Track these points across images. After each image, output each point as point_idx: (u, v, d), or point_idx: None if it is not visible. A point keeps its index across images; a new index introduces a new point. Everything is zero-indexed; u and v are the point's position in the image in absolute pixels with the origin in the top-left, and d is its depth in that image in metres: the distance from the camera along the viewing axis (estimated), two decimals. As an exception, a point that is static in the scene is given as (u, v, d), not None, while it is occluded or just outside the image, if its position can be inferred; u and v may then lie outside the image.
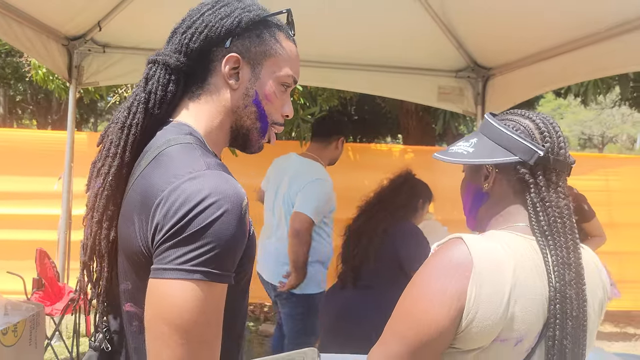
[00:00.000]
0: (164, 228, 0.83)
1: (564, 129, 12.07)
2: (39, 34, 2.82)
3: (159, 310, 0.83)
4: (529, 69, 3.11)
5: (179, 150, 0.93)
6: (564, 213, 1.02)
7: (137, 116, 0.98)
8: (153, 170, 0.91)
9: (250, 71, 1.02)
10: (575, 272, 0.99)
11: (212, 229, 0.82)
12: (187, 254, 0.82)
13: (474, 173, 1.13)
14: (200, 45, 0.99)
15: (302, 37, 3.24)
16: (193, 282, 0.81)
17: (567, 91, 5.79)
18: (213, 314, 0.85)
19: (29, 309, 2.07)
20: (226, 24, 0.99)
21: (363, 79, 3.66)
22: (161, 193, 0.86)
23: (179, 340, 0.82)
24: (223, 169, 0.93)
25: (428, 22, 3.08)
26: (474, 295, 0.92)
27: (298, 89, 4.59)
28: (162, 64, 1.00)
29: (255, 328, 4.83)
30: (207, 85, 1.02)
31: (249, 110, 1.03)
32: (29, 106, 17.43)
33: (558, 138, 1.06)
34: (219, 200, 0.83)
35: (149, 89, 0.99)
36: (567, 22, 2.56)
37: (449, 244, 0.99)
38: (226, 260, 0.85)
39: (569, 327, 0.97)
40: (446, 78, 3.65)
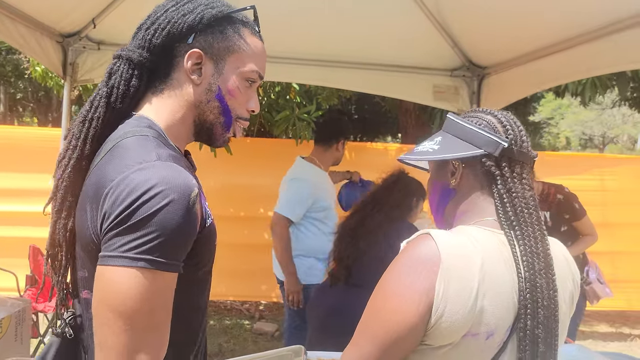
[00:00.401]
0: (110, 216, 0.86)
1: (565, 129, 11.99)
2: (32, 31, 2.82)
3: (104, 297, 0.85)
4: (524, 67, 3.10)
5: (134, 142, 0.95)
6: (530, 204, 1.04)
7: (99, 110, 1.01)
8: (107, 161, 0.94)
9: (214, 67, 1.04)
10: (544, 261, 1.00)
11: (156, 218, 0.84)
12: (132, 241, 0.84)
13: (441, 170, 1.14)
14: (162, 41, 1.01)
15: (297, 36, 3.27)
16: (137, 270, 0.83)
17: (564, 90, 5.78)
18: (159, 301, 0.86)
19: (14, 305, 2.07)
20: (188, 20, 1.01)
21: (358, 77, 3.65)
22: (111, 183, 0.88)
23: (123, 327, 0.84)
24: (175, 160, 0.94)
25: (423, 21, 3.08)
26: (442, 291, 0.92)
27: (294, 88, 4.59)
28: (125, 59, 1.02)
29: (250, 326, 4.84)
30: (170, 80, 1.04)
31: (212, 105, 1.05)
32: (30, 104, 17.45)
33: (520, 132, 1.08)
34: (165, 190, 0.85)
35: (111, 83, 1.02)
36: (562, 20, 2.55)
37: (417, 240, 1.00)
38: (172, 249, 0.87)
39: (540, 316, 0.97)
40: (441, 77, 3.64)
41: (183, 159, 1.03)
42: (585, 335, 5.04)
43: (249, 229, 4.66)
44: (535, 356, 0.97)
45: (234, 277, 4.88)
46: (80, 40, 3.25)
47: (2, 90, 16.21)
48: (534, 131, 16.38)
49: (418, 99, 3.83)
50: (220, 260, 4.30)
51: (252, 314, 5.23)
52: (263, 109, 4.48)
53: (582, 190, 4.87)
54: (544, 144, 22.50)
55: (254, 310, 5.30)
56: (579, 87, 5.43)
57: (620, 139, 27.23)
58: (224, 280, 4.89)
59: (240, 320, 4.98)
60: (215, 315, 5.10)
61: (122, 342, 0.84)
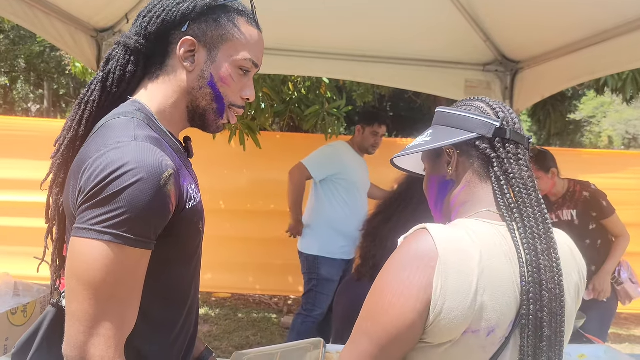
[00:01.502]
0: (84, 191, 0.90)
1: (608, 128, 11.65)
2: (67, 26, 2.89)
3: (72, 266, 0.90)
4: (558, 61, 3.01)
5: (118, 122, 0.99)
6: (528, 185, 1.00)
7: (95, 93, 1.06)
8: (92, 140, 0.99)
9: (207, 54, 1.08)
10: (546, 243, 0.96)
11: (124, 194, 0.88)
12: (100, 216, 0.88)
13: (435, 162, 1.12)
14: (157, 29, 1.06)
15: (328, 30, 3.26)
16: (103, 243, 0.88)
17: (603, 86, 5.59)
18: (124, 274, 0.90)
19: (40, 291, 2.14)
20: (182, 8, 1.05)
21: (388, 72, 3.61)
22: (88, 160, 0.92)
23: (87, 295, 0.88)
24: (154, 142, 0.98)
25: (454, 15, 3.02)
26: (440, 287, 0.89)
27: (325, 82, 4.58)
28: (122, 45, 1.07)
29: (277, 320, 4.86)
30: (165, 67, 1.09)
31: (204, 91, 1.09)
32: (72, 99, 17.97)
33: (510, 114, 1.06)
34: (136, 168, 0.89)
35: (108, 68, 1.07)
36: (598, 11, 2.46)
37: (413, 235, 0.97)
38: (139, 226, 0.90)
39: (545, 299, 0.93)
40: (473, 72, 3.57)
41: (171, 142, 1.07)
42: (621, 339, 4.88)
43: (278, 223, 4.66)
44: (540, 341, 0.93)
45: (263, 271, 4.91)
46: (114, 35, 3.30)
47: (46, 86, 16.73)
48: (574, 130, 15.95)
49: (449, 94, 3.76)
50: (250, 254, 4.42)
51: (281, 308, 5.25)
52: (293, 103, 4.48)
53: (620, 189, 4.74)
54: (585, 142, 21.89)
55: (283, 305, 5.32)
56: (619, 83, 5.25)
57: (666, 138, 26.21)
58: (253, 273, 4.93)
59: (269, 314, 5.01)
60: (244, 309, 5.14)
61: (85, 309, 0.88)
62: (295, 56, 3.47)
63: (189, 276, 1.10)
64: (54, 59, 14.17)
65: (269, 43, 3.60)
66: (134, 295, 0.93)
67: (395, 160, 1.23)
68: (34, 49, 13.52)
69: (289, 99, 4.50)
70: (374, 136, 3.50)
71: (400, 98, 11.71)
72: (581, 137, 21.08)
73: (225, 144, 4.35)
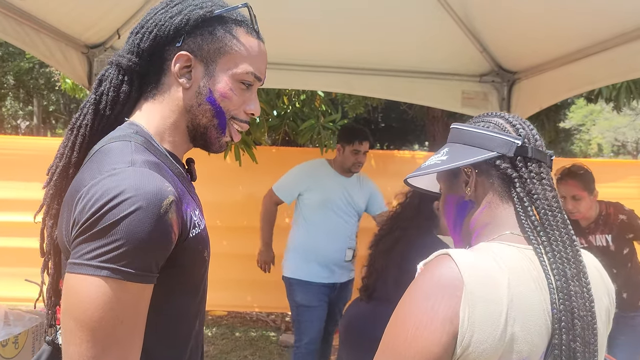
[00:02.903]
0: (78, 223, 0.83)
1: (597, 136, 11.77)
2: (57, 42, 2.84)
3: (67, 305, 0.83)
4: (556, 71, 2.99)
5: (114, 147, 0.92)
6: (553, 206, 0.95)
7: (87, 117, 0.99)
8: (86, 167, 0.92)
9: (204, 69, 1.00)
10: (575, 267, 0.90)
11: (121, 225, 0.81)
12: (96, 249, 0.81)
13: (452, 183, 1.06)
14: (150, 45, 0.98)
15: (323, 43, 3.22)
16: (101, 279, 0.80)
17: (597, 95, 5.60)
18: (125, 313, 0.82)
19: (32, 320, 2.05)
20: (175, 22, 0.98)
21: (385, 84, 3.58)
22: (82, 189, 0.85)
23: (83, 337, 0.80)
24: (153, 166, 0.91)
25: (451, 26, 2.99)
26: (467, 318, 0.83)
27: (320, 96, 4.54)
28: (115, 65, 0.99)
29: (276, 338, 4.77)
30: (161, 85, 1.01)
31: (203, 108, 1.01)
32: (62, 116, 17.85)
33: (531, 130, 1.00)
34: (133, 196, 0.82)
35: (101, 90, 1.00)
36: (596, 21, 2.44)
37: (435, 262, 0.90)
38: (139, 259, 0.83)
39: (577, 328, 0.87)
40: (470, 83, 3.54)
41: (172, 166, 1.00)
42: None
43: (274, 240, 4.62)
44: None
45: (259, 288, 4.82)
46: (106, 51, 3.25)
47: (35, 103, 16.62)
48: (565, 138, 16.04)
49: (446, 105, 3.74)
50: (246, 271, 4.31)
51: (278, 325, 5.17)
52: (288, 117, 4.44)
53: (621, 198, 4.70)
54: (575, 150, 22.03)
55: (280, 322, 5.23)
56: (613, 92, 5.26)
57: (654, 145, 26.45)
58: (249, 291, 4.85)
59: (266, 332, 4.92)
60: (241, 327, 5.05)
61: (81, 352, 0.81)
62: (290, 70, 3.43)
63: (194, 309, 1.03)
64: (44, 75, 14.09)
65: (264, 57, 3.57)
66: (136, 333, 0.85)
67: (411, 181, 1.18)
68: (22, 65, 13.44)
69: (283, 112, 4.46)
70: (354, 155, 3.29)
71: (392, 109, 11.73)
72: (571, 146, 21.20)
73: (220, 159, 4.29)
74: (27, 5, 2.46)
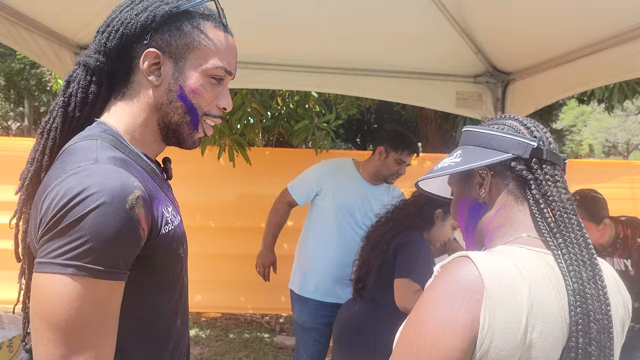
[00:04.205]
0: (44, 222, 0.82)
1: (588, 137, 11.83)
2: (50, 43, 2.81)
3: (35, 304, 0.81)
4: (550, 72, 2.99)
5: (80, 146, 0.91)
6: (568, 208, 0.94)
7: (56, 120, 0.97)
8: (53, 167, 0.91)
9: (173, 66, 0.99)
10: (591, 270, 0.90)
11: (84, 222, 0.79)
12: (61, 247, 0.80)
13: (466, 184, 1.05)
14: (117, 44, 0.97)
15: (317, 44, 3.20)
16: (66, 277, 0.79)
17: (590, 97, 5.63)
18: (94, 312, 0.81)
19: (27, 322, 2.03)
20: (141, 19, 0.97)
21: (380, 85, 3.57)
22: (47, 189, 0.85)
23: (50, 336, 0.79)
24: (117, 162, 0.89)
25: (445, 27, 2.99)
26: (488, 323, 0.81)
27: (313, 96, 4.53)
28: (82, 65, 0.98)
29: (270, 339, 4.75)
30: (131, 84, 1.00)
31: (175, 105, 1.01)
32: (53, 117, 17.73)
33: (545, 133, 1.01)
34: (96, 192, 0.81)
35: (69, 92, 0.98)
36: (590, 22, 2.45)
37: (454, 264, 0.89)
38: (107, 256, 0.81)
39: (593, 332, 0.86)
40: (464, 83, 3.55)
41: (143, 163, 0.99)
42: None
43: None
44: None
45: (253, 289, 4.80)
46: (99, 52, 3.23)
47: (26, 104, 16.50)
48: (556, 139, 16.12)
49: (440, 106, 3.73)
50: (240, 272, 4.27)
51: (273, 326, 5.15)
52: (282, 118, 4.42)
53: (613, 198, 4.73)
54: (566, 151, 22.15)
55: (275, 323, 5.22)
56: (605, 93, 5.28)
57: (645, 145, 26.64)
58: (243, 292, 4.83)
59: (261, 334, 4.90)
60: (235, 328, 5.03)
61: (48, 352, 0.79)
62: (285, 70, 3.42)
63: (172, 308, 1.01)
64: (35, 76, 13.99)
65: (258, 58, 3.56)
66: (107, 333, 0.83)
67: (422, 185, 1.17)
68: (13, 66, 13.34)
69: (277, 113, 4.44)
70: (397, 164, 2.86)
71: (385, 110, 11.72)
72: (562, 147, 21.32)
73: (214, 160, 4.27)
74: (20, 5, 2.43)
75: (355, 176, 2.96)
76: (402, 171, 2.92)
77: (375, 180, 2.94)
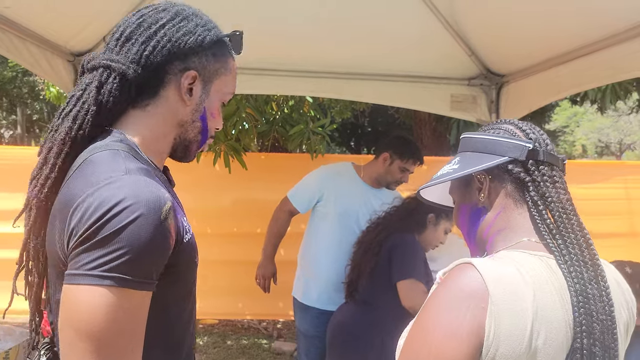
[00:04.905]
0: (77, 233, 0.82)
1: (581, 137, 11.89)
2: (43, 50, 2.79)
3: (69, 317, 0.81)
4: (544, 74, 3.00)
5: (103, 156, 0.91)
6: (567, 209, 0.94)
7: (84, 128, 0.96)
8: (75, 177, 0.90)
9: (202, 88, 1.04)
10: (593, 270, 0.89)
11: (124, 234, 0.80)
12: (98, 259, 0.80)
13: (466, 191, 1.06)
14: (161, 60, 0.99)
15: (311, 49, 3.20)
16: (104, 288, 0.79)
17: (583, 98, 5.66)
18: (128, 322, 0.82)
19: (23, 334, 2.01)
20: (189, 41, 1.00)
21: (374, 89, 3.57)
22: (78, 199, 0.84)
23: (88, 348, 0.79)
24: (147, 173, 0.91)
25: (439, 30, 3.00)
26: (494, 331, 0.81)
27: (308, 101, 4.53)
28: (118, 73, 0.97)
29: (268, 345, 4.73)
30: (158, 98, 1.02)
31: (195, 125, 1.06)
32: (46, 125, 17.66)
33: (541, 135, 1.02)
34: (134, 204, 0.82)
35: (101, 98, 0.96)
36: (584, 23, 2.45)
37: (457, 270, 0.88)
38: (142, 267, 0.82)
39: (596, 332, 0.85)
40: (458, 86, 3.55)
41: (158, 173, 1.01)
42: None
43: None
44: None
45: (250, 295, 4.77)
46: (92, 59, 3.21)
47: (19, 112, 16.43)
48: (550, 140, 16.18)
49: (435, 109, 3.74)
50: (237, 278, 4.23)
51: (270, 332, 5.13)
52: (277, 123, 4.42)
53: (607, 199, 4.75)
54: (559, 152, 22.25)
55: (272, 329, 5.19)
56: (598, 94, 5.31)
57: (637, 145, 26.81)
58: (241, 299, 4.81)
59: (258, 340, 4.88)
60: (233, 335, 5.00)
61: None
62: (279, 75, 3.41)
63: (188, 314, 1.03)
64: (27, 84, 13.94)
65: (253, 63, 3.55)
66: (137, 342, 0.84)
67: (423, 194, 1.17)
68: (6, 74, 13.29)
69: (272, 118, 4.43)
70: (401, 172, 2.85)
71: (379, 113, 11.73)
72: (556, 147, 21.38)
73: (209, 166, 4.26)
74: (12, 13, 2.42)
75: (356, 180, 2.93)
76: (405, 179, 2.90)
77: (377, 184, 2.93)
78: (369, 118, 12.24)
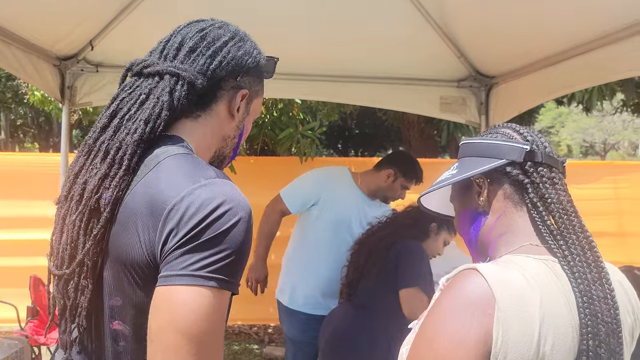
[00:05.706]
0: (177, 234, 0.82)
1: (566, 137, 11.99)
2: (28, 55, 2.74)
3: (171, 318, 0.80)
4: (533, 76, 3.01)
5: (182, 159, 0.92)
6: (568, 210, 0.94)
7: (156, 131, 0.97)
8: (157, 178, 0.89)
9: (245, 107, 1.09)
10: (597, 272, 0.88)
11: (229, 236, 0.82)
12: (203, 260, 0.81)
13: (465, 196, 1.05)
14: (224, 74, 1.03)
15: (300, 51, 3.19)
16: (208, 289, 0.80)
17: (570, 98, 5.70)
18: (221, 323, 0.83)
19: (11, 346, 1.96)
20: (248, 61, 1.06)
21: (364, 91, 3.57)
22: (172, 199, 0.84)
23: (191, 350, 0.79)
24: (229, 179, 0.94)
25: (428, 32, 3.00)
26: (501, 338, 0.79)
27: (297, 104, 4.51)
28: (187, 81, 0.98)
29: (259, 351, 4.70)
30: (210, 110, 1.04)
31: (233, 141, 1.11)
32: (30, 129, 17.45)
33: (539, 137, 1.01)
34: (234, 207, 0.84)
35: (175, 104, 0.98)
36: (573, 25, 2.46)
37: (461, 276, 0.86)
38: (238, 269, 0.85)
39: (602, 334, 0.84)
40: (447, 88, 3.56)
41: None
42: None
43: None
44: None
45: (241, 300, 4.72)
46: (78, 63, 3.17)
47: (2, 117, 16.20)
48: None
49: (425, 111, 3.74)
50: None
51: (261, 337, 5.09)
52: (266, 127, 4.39)
53: (595, 199, 4.78)
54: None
55: (263, 334, 5.16)
56: (585, 95, 5.35)
57: (621, 145, 27.16)
58: (232, 303, 4.77)
59: (250, 345, 4.84)
60: (224, 341, 4.96)
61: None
62: (273, 79, 3.38)
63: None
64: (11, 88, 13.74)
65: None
66: (222, 342, 0.86)
67: (423, 201, 1.15)
68: (-12, 79, 13.09)
69: (261, 122, 4.41)
70: (401, 189, 2.86)
71: (367, 115, 11.75)
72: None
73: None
74: (-4, 17, 2.37)
75: (353, 187, 2.89)
76: (403, 196, 2.90)
77: (372, 195, 2.90)
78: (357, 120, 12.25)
